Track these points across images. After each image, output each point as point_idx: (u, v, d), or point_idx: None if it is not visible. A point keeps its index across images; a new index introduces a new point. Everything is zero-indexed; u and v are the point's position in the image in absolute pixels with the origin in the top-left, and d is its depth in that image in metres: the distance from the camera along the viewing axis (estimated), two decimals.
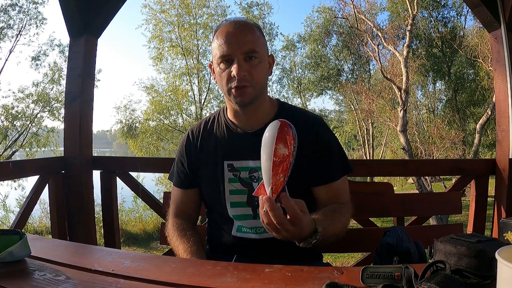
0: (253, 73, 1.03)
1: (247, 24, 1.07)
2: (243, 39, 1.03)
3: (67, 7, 2.03)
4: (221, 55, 1.03)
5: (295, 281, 0.72)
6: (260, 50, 1.05)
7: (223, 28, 1.05)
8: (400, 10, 12.98)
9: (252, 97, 1.05)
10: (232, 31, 1.03)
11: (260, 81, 1.06)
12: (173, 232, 1.14)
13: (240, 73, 1.01)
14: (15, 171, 1.99)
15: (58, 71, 12.57)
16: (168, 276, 0.75)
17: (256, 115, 1.12)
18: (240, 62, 1.01)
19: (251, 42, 1.03)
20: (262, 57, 1.06)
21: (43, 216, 8.09)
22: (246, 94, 1.03)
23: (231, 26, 1.05)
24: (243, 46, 1.02)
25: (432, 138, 12.70)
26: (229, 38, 1.02)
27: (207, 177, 1.15)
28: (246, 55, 1.02)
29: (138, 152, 12.87)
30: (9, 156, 11.82)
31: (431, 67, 14.04)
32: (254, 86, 1.04)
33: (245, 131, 1.13)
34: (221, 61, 1.04)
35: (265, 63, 1.08)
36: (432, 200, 1.74)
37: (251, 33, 1.05)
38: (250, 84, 1.03)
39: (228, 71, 1.03)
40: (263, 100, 1.11)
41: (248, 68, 1.02)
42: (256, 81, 1.04)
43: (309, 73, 17.19)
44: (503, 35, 1.89)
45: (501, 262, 0.52)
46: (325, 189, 1.11)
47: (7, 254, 0.77)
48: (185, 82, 13.41)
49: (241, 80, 1.02)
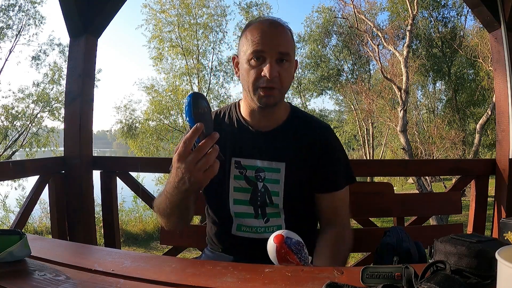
0: (283, 76, 1.02)
1: (283, 26, 1.05)
2: (280, 39, 1.01)
3: (67, 7, 2.03)
4: (254, 51, 1.00)
5: (295, 281, 0.72)
6: (292, 53, 1.04)
7: (259, 25, 1.03)
8: (400, 10, 12.98)
9: (277, 100, 1.05)
10: (269, 30, 1.01)
11: (287, 85, 1.06)
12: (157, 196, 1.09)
13: (272, 74, 0.99)
14: (15, 171, 1.99)
15: (58, 71, 12.58)
16: (168, 276, 0.75)
17: (272, 117, 1.12)
18: (273, 63, 1.00)
19: (286, 44, 1.02)
20: (292, 61, 1.05)
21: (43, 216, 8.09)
22: (273, 96, 1.03)
23: (267, 24, 1.03)
24: (278, 46, 1.00)
25: (432, 138, 12.71)
26: (265, 36, 1.00)
27: None
28: (280, 56, 1.01)
29: (138, 152, 12.87)
30: (9, 156, 11.82)
31: (431, 67, 14.05)
32: (281, 90, 1.04)
33: (257, 130, 1.13)
34: (252, 57, 1.01)
35: (293, 67, 1.07)
36: (432, 200, 1.74)
37: (287, 35, 1.04)
38: (278, 87, 1.02)
39: (259, 70, 1.01)
40: (281, 103, 1.12)
41: (279, 70, 1.01)
42: (284, 85, 1.04)
43: (309, 73, 17.20)
44: (503, 35, 1.89)
45: (501, 262, 0.52)
46: (328, 197, 1.12)
47: (7, 254, 0.77)
48: (185, 82, 13.41)
49: (271, 82, 1.00)
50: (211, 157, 0.81)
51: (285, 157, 1.10)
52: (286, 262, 0.83)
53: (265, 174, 1.10)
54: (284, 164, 1.10)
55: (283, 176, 1.10)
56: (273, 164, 1.10)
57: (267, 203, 1.10)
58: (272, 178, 1.10)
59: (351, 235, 1.12)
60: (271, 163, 1.10)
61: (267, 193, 1.10)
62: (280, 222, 1.12)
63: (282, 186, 1.10)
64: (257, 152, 1.11)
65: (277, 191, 1.10)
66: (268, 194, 1.10)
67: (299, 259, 0.84)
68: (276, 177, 1.10)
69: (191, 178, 0.83)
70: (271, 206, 1.10)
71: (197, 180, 0.83)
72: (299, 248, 0.85)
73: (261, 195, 1.10)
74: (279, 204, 1.10)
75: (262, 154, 1.11)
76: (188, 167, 0.81)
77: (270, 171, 1.10)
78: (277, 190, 1.10)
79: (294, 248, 0.84)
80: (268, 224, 1.11)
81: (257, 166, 1.11)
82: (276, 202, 1.10)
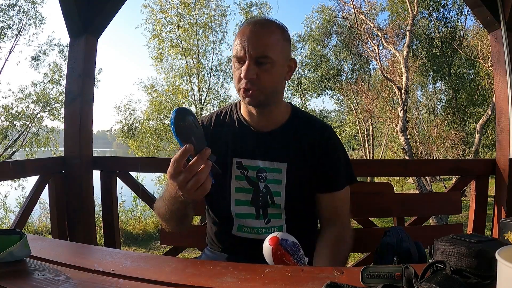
0: (261, 77, 1.02)
1: (268, 26, 1.05)
2: (257, 42, 1.01)
3: (67, 7, 2.03)
4: (234, 55, 1.04)
5: (295, 281, 0.72)
6: (275, 55, 1.03)
7: (243, 28, 1.05)
8: (400, 10, 12.98)
9: (259, 100, 1.05)
10: (249, 33, 1.02)
11: (269, 85, 1.05)
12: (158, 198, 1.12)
13: (247, 76, 1.01)
14: (15, 171, 1.99)
15: (58, 71, 12.58)
16: (168, 276, 0.75)
17: (270, 117, 1.13)
18: (250, 65, 1.01)
19: (265, 46, 1.02)
20: (276, 61, 1.04)
21: (43, 216, 8.08)
22: (252, 96, 1.03)
23: (249, 27, 1.04)
24: (254, 50, 1.01)
25: (432, 138, 12.71)
26: (244, 40, 1.02)
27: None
28: (256, 59, 1.01)
29: (138, 152, 12.89)
30: (9, 156, 11.82)
31: (431, 67, 14.05)
32: (261, 90, 1.04)
33: (258, 131, 1.13)
34: (235, 60, 1.05)
35: (279, 68, 1.06)
36: (432, 200, 1.74)
37: (267, 37, 1.03)
38: (257, 88, 1.02)
39: (239, 72, 1.03)
40: (278, 103, 1.12)
41: (257, 72, 1.02)
42: (264, 86, 1.03)
43: (309, 73, 17.20)
44: (503, 35, 1.89)
45: (501, 262, 0.52)
46: (328, 197, 1.12)
47: (7, 254, 0.77)
48: (185, 82, 13.43)
49: (248, 83, 1.02)
50: (203, 175, 0.80)
51: (286, 157, 1.10)
52: (282, 263, 0.83)
53: (266, 174, 1.10)
54: (286, 164, 1.10)
55: (285, 176, 1.10)
56: (275, 164, 1.10)
57: (269, 204, 1.10)
58: (273, 179, 1.10)
59: (352, 235, 1.12)
60: (273, 164, 1.11)
61: (269, 194, 1.10)
62: (281, 223, 1.12)
63: (283, 187, 1.10)
64: (259, 153, 1.11)
65: (279, 191, 1.10)
66: (270, 194, 1.10)
67: (295, 260, 0.84)
68: (278, 178, 1.10)
69: (184, 195, 0.84)
70: (272, 206, 1.11)
71: (190, 197, 0.84)
72: (295, 249, 0.85)
73: (263, 195, 1.10)
74: (280, 204, 1.10)
75: (263, 154, 1.11)
76: (180, 186, 0.82)
77: (272, 171, 1.10)
78: (279, 191, 1.10)
79: (290, 249, 0.84)
80: (269, 225, 1.11)
81: (258, 167, 1.11)
82: (277, 202, 1.10)
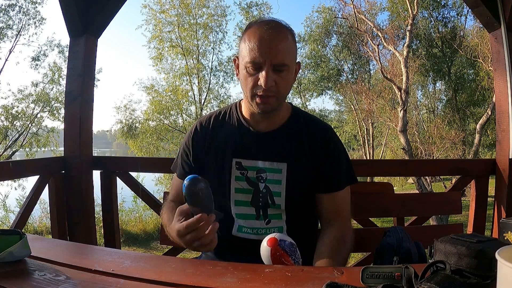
0: (280, 84, 1.02)
1: (281, 31, 1.02)
2: (276, 48, 0.99)
3: (67, 7, 2.02)
4: (251, 61, 1.00)
5: (295, 281, 0.72)
6: (290, 61, 1.03)
7: (257, 30, 1.01)
8: (400, 10, 12.97)
9: (274, 107, 1.05)
10: (266, 38, 0.99)
11: (284, 92, 1.05)
12: (165, 210, 1.18)
13: (268, 84, 0.99)
14: (15, 171, 1.99)
15: (58, 71, 12.58)
16: (168, 276, 0.75)
17: (272, 118, 1.13)
18: (269, 73, 0.99)
19: (283, 53, 1.00)
20: (291, 67, 1.04)
21: (43, 216, 8.08)
22: (270, 104, 1.03)
23: (265, 30, 1.00)
24: (274, 57, 0.99)
25: (432, 138, 12.71)
26: (262, 45, 0.98)
27: (213, 172, 1.14)
28: (275, 66, 1.00)
29: (138, 152, 12.89)
30: (9, 156, 11.82)
31: (431, 67, 14.04)
32: (278, 97, 1.04)
33: (258, 131, 1.13)
34: (250, 65, 1.01)
35: (292, 73, 1.06)
36: (432, 200, 1.74)
37: (285, 42, 1.01)
38: (275, 95, 1.03)
39: (255, 78, 1.01)
40: (282, 106, 1.12)
41: (276, 79, 1.01)
42: (282, 93, 1.04)
43: (309, 73, 17.18)
44: (503, 35, 1.89)
45: (501, 262, 0.52)
46: (329, 197, 1.12)
47: (7, 254, 0.77)
48: (185, 82, 13.44)
49: (267, 90, 1.00)
50: (208, 237, 0.87)
51: (286, 158, 1.10)
52: (280, 264, 0.84)
53: (266, 175, 1.10)
54: (286, 164, 1.10)
55: (285, 176, 1.10)
56: (275, 164, 1.10)
57: (269, 204, 1.10)
58: (274, 179, 1.10)
59: (352, 235, 1.11)
60: (273, 164, 1.10)
61: (269, 194, 1.10)
62: (281, 223, 1.12)
63: (284, 187, 1.10)
64: (259, 153, 1.11)
65: (279, 191, 1.10)
66: (270, 195, 1.10)
67: (293, 260, 0.85)
68: (278, 178, 1.10)
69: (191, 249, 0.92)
70: (273, 207, 1.10)
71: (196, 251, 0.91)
72: (293, 250, 0.86)
73: (263, 196, 1.10)
74: (281, 205, 1.10)
75: (263, 154, 1.11)
76: (186, 243, 0.90)
77: (272, 171, 1.10)
78: (279, 191, 1.10)
79: (288, 250, 0.85)
80: (269, 225, 1.11)
81: (258, 167, 1.11)
82: (278, 203, 1.10)
